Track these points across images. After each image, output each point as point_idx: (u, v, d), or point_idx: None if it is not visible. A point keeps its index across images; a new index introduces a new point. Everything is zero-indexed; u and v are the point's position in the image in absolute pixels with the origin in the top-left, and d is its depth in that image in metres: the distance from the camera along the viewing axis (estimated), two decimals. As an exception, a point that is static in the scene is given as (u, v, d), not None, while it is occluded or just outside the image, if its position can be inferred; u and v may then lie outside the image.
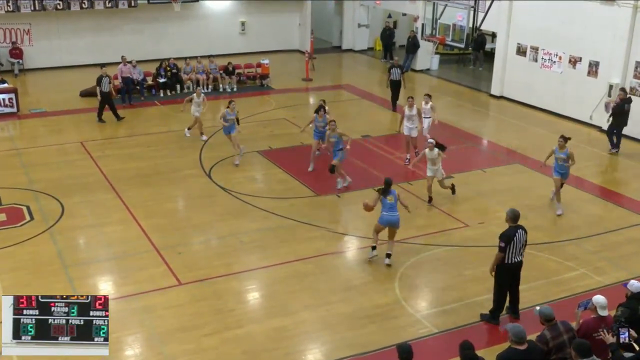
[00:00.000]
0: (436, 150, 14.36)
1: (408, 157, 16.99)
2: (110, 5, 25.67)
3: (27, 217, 13.73)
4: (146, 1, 26.34)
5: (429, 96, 17.80)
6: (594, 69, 20.26)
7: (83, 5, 25.21)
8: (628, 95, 18.23)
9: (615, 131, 18.22)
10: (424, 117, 17.38)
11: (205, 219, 13.88)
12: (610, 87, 19.42)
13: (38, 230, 13.15)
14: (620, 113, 17.97)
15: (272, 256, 12.45)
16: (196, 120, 18.57)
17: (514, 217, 10.09)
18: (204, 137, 18.56)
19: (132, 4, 26.00)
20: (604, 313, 8.37)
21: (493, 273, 10.30)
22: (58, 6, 24.86)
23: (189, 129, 18.80)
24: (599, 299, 8.42)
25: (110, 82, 20.01)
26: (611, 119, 18.29)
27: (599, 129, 20.03)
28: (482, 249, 12.70)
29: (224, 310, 10.67)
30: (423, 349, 9.57)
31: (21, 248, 12.51)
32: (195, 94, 18.73)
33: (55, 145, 18.20)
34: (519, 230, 10.05)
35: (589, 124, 20.48)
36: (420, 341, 9.91)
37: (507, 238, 9.99)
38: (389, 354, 9.45)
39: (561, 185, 14.42)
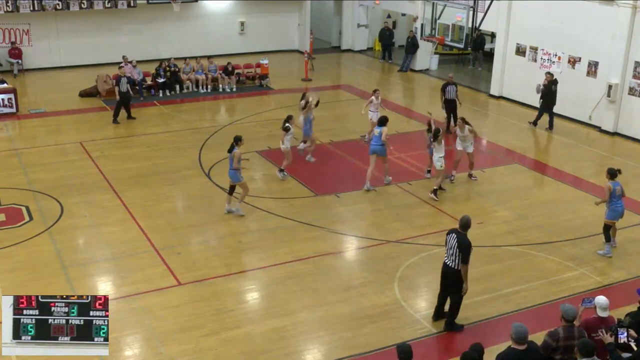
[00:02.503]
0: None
1: (429, 169, 16.28)
2: (109, 5, 25.65)
3: (27, 218, 13.72)
4: (145, 1, 26.34)
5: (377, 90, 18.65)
6: (593, 69, 20.28)
7: (82, 6, 25.19)
8: (554, 78, 19.92)
9: (546, 111, 20.12)
10: (372, 112, 18.16)
11: (205, 219, 13.87)
12: (610, 87, 19.43)
13: (37, 231, 13.15)
14: (548, 94, 19.81)
15: (271, 256, 12.44)
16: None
17: (460, 223, 10.02)
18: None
19: (132, 4, 25.96)
20: (604, 314, 8.37)
21: None
22: (57, 6, 24.82)
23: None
24: (600, 299, 8.42)
25: (127, 82, 20.04)
26: (541, 100, 20.09)
27: (598, 129, 20.06)
28: (481, 249, 12.70)
29: (223, 311, 10.66)
30: (422, 349, 9.57)
31: (20, 248, 12.50)
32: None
33: (54, 146, 18.19)
34: (452, 234, 10.01)
35: (588, 124, 20.50)
36: (420, 341, 9.91)
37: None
38: (388, 354, 9.47)
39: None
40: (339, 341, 9.98)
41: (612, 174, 12.48)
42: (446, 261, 10.12)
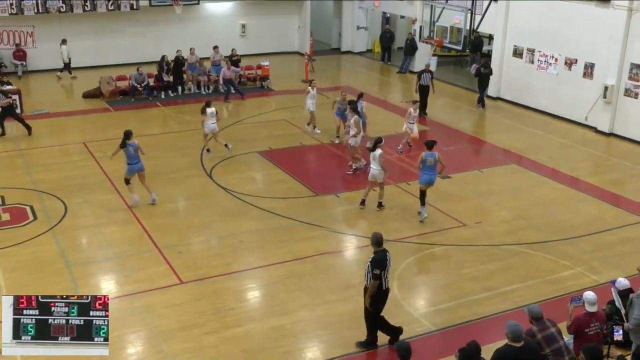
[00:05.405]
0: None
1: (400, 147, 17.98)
2: (112, 7, 25.82)
3: (31, 217, 13.87)
4: (148, 4, 26.51)
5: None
6: (589, 70, 20.41)
7: (85, 8, 25.36)
8: (488, 62, 22.40)
9: (479, 90, 22.53)
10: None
11: (206, 219, 14.01)
12: (606, 88, 19.57)
13: (41, 230, 13.30)
14: (479, 75, 22.27)
15: (272, 256, 12.57)
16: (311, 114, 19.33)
17: (376, 241, 9.46)
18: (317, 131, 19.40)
19: (134, 7, 26.14)
20: (592, 309, 8.56)
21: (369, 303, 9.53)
22: (61, 9, 25.02)
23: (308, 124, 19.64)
24: (588, 295, 8.63)
25: (7, 97, 18.99)
26: (477, 82, 22.48)
27: (594, 129, 20.21)
28: (478, 248, 12.87)
29: (224, 309, 10.79)
30: (421, 347, 9.68)
31: (24, 248, 12.64)
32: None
33: (58, 146, 18.34)
34: (387, 254, 9.49)
35: (584, 124, 20.65)
36: (418, 339, 9.99)
37: (379, 263, 9.29)
38: (387, 352, 9.63)
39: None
40: (338, 339, 10.07)
41: (428, 145, 13.73)
42: (387, 284, 9.53)
